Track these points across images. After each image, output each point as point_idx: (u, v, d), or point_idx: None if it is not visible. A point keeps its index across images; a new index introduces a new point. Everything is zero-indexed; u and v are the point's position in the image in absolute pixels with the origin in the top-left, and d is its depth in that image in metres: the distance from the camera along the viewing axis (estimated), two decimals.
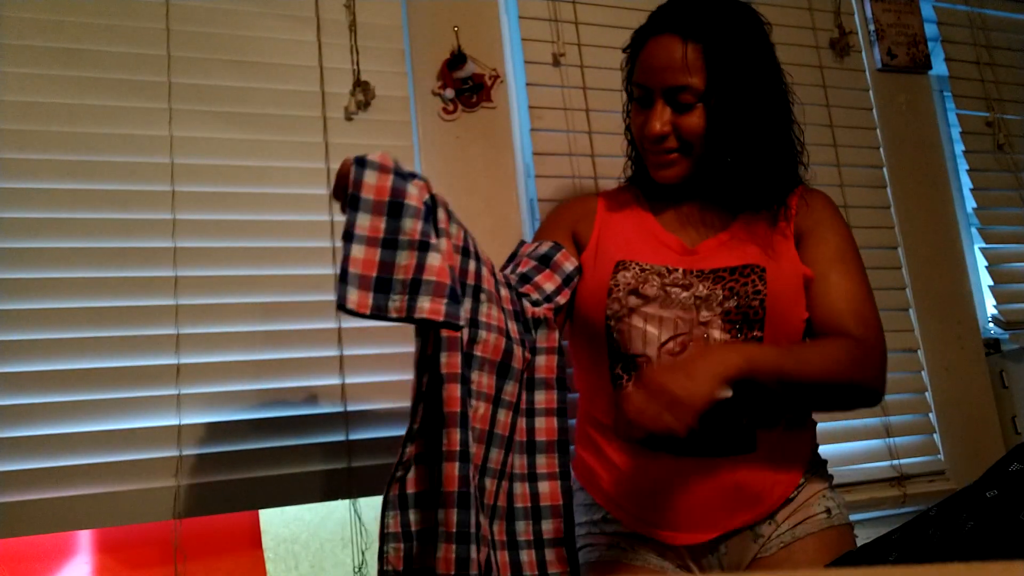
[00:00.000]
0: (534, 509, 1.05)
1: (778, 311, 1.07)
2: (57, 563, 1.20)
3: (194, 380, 1.25)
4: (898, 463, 1.66)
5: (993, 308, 1.87)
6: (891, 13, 1.90)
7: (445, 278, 0.90)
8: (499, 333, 1.02)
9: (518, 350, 1.05)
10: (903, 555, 0.84)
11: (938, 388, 1.75)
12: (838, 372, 1.03)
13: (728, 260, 1.12)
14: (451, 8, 1.54)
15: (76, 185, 1.25)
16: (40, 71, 1.27)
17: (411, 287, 0.90)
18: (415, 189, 0.94)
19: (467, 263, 1.01)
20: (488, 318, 1.01)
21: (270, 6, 1.42)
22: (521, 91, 1.57)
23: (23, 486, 1.14)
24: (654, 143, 1.14)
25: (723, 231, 1.17)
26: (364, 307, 0.88)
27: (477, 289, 1.01)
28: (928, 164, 1.88)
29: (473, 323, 0.99)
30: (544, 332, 1.11)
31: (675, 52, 1.09)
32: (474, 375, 0.99)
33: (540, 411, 1.09)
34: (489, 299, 1.02)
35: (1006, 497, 0.77)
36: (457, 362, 0.94)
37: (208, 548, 1.26)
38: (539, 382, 1.10)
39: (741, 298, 1.08)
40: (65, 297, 1.22)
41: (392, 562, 0.94)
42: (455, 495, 0.90)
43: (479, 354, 0.99)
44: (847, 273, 1.12)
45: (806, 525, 1.10)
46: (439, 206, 0.98)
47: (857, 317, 1.09)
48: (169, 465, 1.21)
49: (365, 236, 0.91)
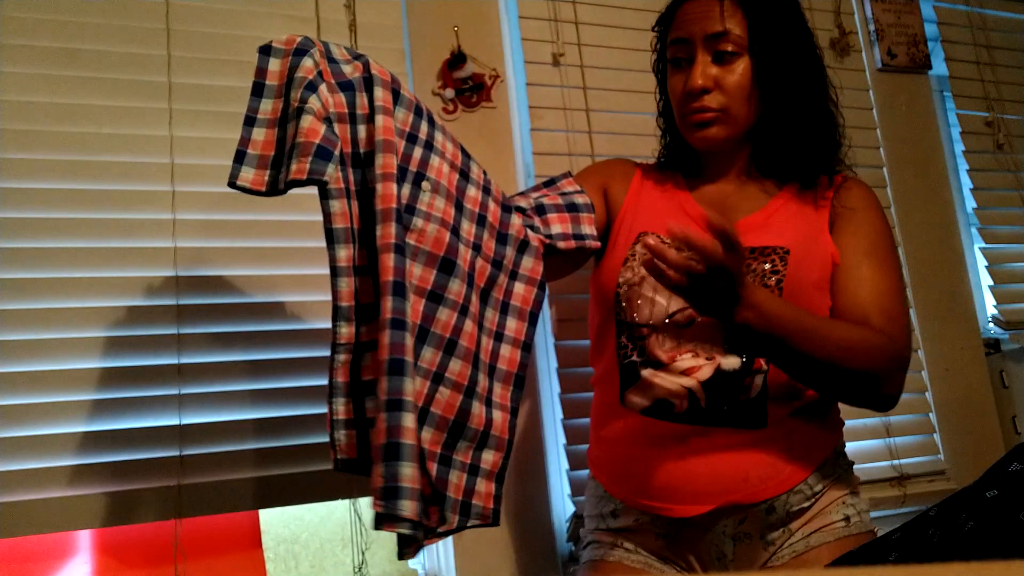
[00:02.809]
0: (483, 435, 0.97)
1: (795, 294, 1.04)
2: (57, 563, 1.20)
3: (195, 380, 1.25)
4: (898, 463, 1.66)
5: (993, 308, 1.87)
6: (891, 13, 1.90)
7: (314, 137, 0.87)
8: (442, 226, 0.94)
9: (468, 253, 0.98)
10: (903, 555, 0.84)
11: (938, 388, 1.75)
12: (854, 358, 0.99)
13: (756, 241, 1.09)
14: (451, 8, 1.54)
15: (76, 185, 1.25)
16: (40, 71, 1.27)
17: (289, 154, 0.88)
18: (310, 61, 0.91)
19: (411, 149, 0.95)
20: (431, 208, 0.94)
21: (270, 6, 1.42)
22: (521, 91, 1.57)
23: (23, 486, 1.14)
24: (695, 98, 1.11)
25: (759, 212, 1.14)
26: (259, 184, 0.89)
27: (420, 176, 0.95)
28: (928, 164, 1.87)
29: (408, 209, 0.93)
30: (530, 260, 1.06)
31: (714, 5, 1.10)
32: (407, 264, 0.90)
33: (507, 338, 1.03)
34: (437, 191, 0.96)
35: (1006, 497, 0.77)
36: (391, 233, 0.87)
37: (208, 548, 1.26)
38: (512, 309, 1.04)
39: (758, 276, 1.05)
40: (65, 297, 1.22)
41: (344, 450, 0.88)
42: (386, 363, 0.83)
43: (412, 242, 0.92)
44: (879, 267, 1.09)
45: (822, 534, 1.07)
46: (379, 85, 0.93)
47: (883, 312, 1.05)
48: (170, 465, 1.21)
49: (266, 119, 0.91)
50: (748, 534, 1.07)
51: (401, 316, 0.85)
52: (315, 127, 0.87)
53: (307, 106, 0.87)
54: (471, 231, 1.00)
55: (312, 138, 0.86)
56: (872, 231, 1.12)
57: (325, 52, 0.94)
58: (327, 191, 0.88)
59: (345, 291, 0.88)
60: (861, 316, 1.05)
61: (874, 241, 1.11)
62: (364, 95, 0.93)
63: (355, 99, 0.92)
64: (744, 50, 1.10)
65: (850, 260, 1.09)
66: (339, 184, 0.89)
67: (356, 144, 0.92)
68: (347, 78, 0.93)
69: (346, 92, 0.92)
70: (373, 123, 0.91)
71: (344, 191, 0.89)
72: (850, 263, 1.09)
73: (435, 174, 0.96)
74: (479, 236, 1.01)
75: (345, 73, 0.94)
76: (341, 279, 0.88)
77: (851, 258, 1.09)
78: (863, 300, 1.06)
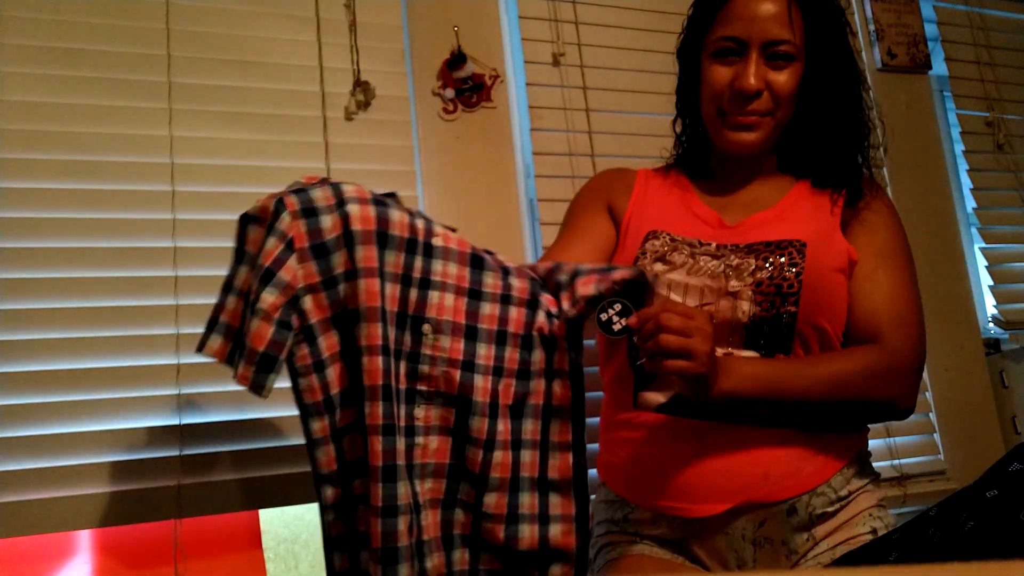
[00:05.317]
0: (539, 556, 0.97)
1: (815, 287, 1.02)
2: (57, 563, 1.20)
3: (194, 380, 1.25)
4: (898, 463, 1.66)
5: (993, 308, 1.87)
6: (891, 13, 1.90)
7: (259, 344, 0.85)
8: (450, 367, 0.96)
9: (488, 381, 0.97)
10: (903, 555, 0.84)
11: (938, 388, 1.75)
12: (847, 390, 0.99)
13: (768, 235, 1.07)
14: (451, 8, 1.54)
15: (76, 185, 1.25)
16: (40, 71, 1.27)
17: (241, 347, 0.88)
18: (273, 238, 0.89)
19: (407, 292, 0.94)
20: (435, 351, 0.96)
21: (270, 6, 1.42)
22: (521, 91, 1.57)
23: (23, 486, 1.14)
24: (746, 100, 1.08)
25: (769, 209, 1.13)
26: (222, 355, 0.90)
27: (419, 320, 0.95)
28: (928, 164, 1.87)
29: (412, 356, 0.95)
30: (560, 353, 1.00)
31: (781, 8, 1.07)
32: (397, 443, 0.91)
33: (554, 445, 0.99)
34: (440, 330, 0.96)
35: (1006, 497, 0.77)
36: (379, 414, 0.88)
37: (208, 548, 1.26)
38: (555, 411, 0.99)
39: (775, 269, 1.03)
40: (65, 297, 1.22)
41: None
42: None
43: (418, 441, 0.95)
44: (893, 271, 1.07)
45: (848, 546, 1.01)
46: (360, 243, 0.90)
47: (894, 321, 1.04)
48: (169, 465, 1.21)
49: (238, 288, 0.91)
50: (769, 539, 1.02)
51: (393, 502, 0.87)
52: (262, 332, 0.85)
53: (258, 305, 0.86)
54: (489, 355, 0.97)
55: (257, 345, 0.85)
56: (888, 233, 1.11)
57: (301, 207, 0.90)
58: (295, 369, 0.89)
59: (324, 460, 0.90)
60: (874, 327, 1.04)
61: (889, 243, 1.10)
62: (344, 252, 0.90)
63: (330, 263, 0.90)
64: (798, 55, 1.08)
65: (864, 266, 1.08)
66: (305, 360, 0.89)
67: (336, 305, 0.90)
68: (323, 239, 0.89)
69: (319, 260, 0.90)
70: (356, 283, 0.89)
71: (312, 366, 0.89)
72: (864, 269, 1.07)
73: (435, 312, 0.95)
74: (499, 357, 0.98)
75: (323, 230, 0.90)
76: (319, 449, 0.90)
77: (867, 262, 1.08)
78: (877, 309, 1.05)
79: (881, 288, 1.06)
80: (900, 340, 1.03)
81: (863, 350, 1.03)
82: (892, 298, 1.05)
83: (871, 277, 1.07)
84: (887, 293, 1.06)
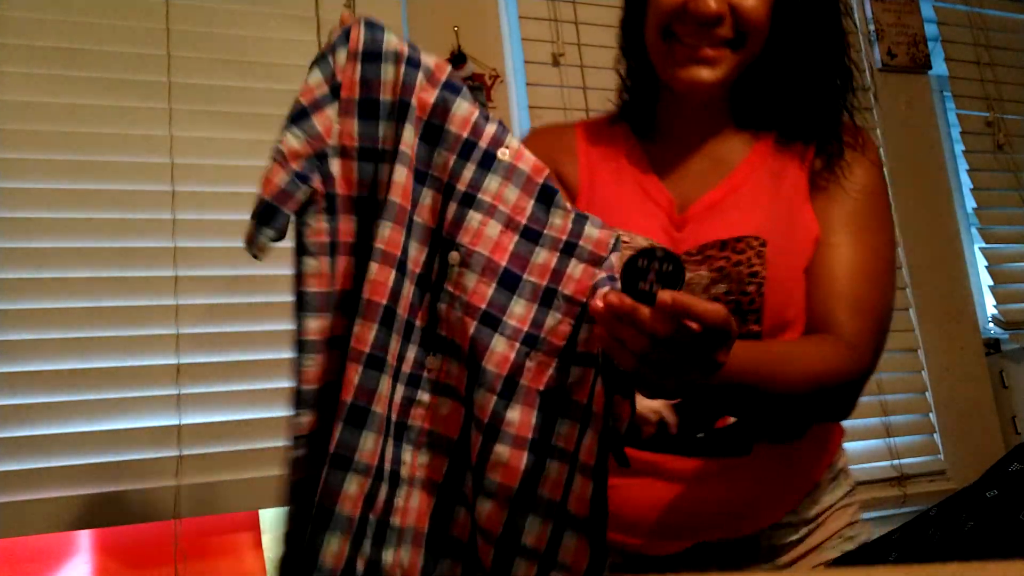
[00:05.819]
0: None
1: (780, 300, 0.85)
2: (57, 563, 1.20)
3: (194, 380, 1.25)
4: (898, 463, 1.66)
5: (993, 308, 1.87)
6: (891, 13, 1.90)
7: (267, 191, 0.71)
8: (466, 315, 0.72)
9: (512, 352, 0.72)
10: (903, 555, 0.84)
11: (938, 388, 1.75)
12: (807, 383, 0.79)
13: (721, 229, 0.88)
14: (451, 8, 1.54)
15: (76, 185, 1.25)
16: (40, 71, 1.27)
17: None
18: (319, 72, 0.78)
19: (446, 204, 0.74)
20: (456, 289, 0.73)
21: (270, 6, 1.42)
22: (521, 91, 1.57)
23: (23, 486, 1.14)
24: (704, 27, 0.85)
25: (722, 182, 0.92)
26: None
27: (449, 244, 0.73)
28: (928, 164, 1.88)
29: (436, 287, 0.74)
30: None
31: None
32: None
33: (582, 467, 0.72)
34: (467, 265, 0.73)
35: (1006, 497, 0.77)
36: (368, 338, 0.69)
37: (208, 548, 1.26)
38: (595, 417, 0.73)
39: (733, 282, 0.85)
40: (65, 297, 1.21)
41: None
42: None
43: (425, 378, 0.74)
44: (857, 242, 0.87)
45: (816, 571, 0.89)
46: (411, 121, 0.73)
47: (852, 304, 0.84)
48: (169, 465, 1.21)
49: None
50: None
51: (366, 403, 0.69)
52: (272, 176, 0.70)
53: (278, 147, 0.71)
54: (526, 316, 0.72)
55: (264, 190, 0.70)
56: (859, 193, 0.89)
57: (364, 49, 0.76)
58: (304, 244, 0.71)
59: (312, 371, 0.70)
60: (828, 313, 0.84)
61: (858, 205, 0.89)
62: (394, 126, 0.73)
63: (376, 131, 0.74)
64: None
65: (828, 237, 0.88)
66: (320, 237, 0.71)
67: (364, 186, 0.73)
68: (377, 96, 0.73)
69: (364, 121, 0.73)
70: (392, 168, 0.71)
71: (328, 245, 0.71)
72: (826, 239, 0.88)
73: (469, 239, 0.72)
74: (538, 323, 0.72)
75: (382, 85, 0.74)
76: (307, 356, 0.70)
77: (829, 234, 0.88)
78: (833, 291, 0.85)
79: (843, 264, 0.86)
80: (857, 331, 0.83)
81: (823, 342, 0.83)
82: (849, 278, 0.85)
83: (829, 249, 0.88)
84: (843, 272, 0.86)
